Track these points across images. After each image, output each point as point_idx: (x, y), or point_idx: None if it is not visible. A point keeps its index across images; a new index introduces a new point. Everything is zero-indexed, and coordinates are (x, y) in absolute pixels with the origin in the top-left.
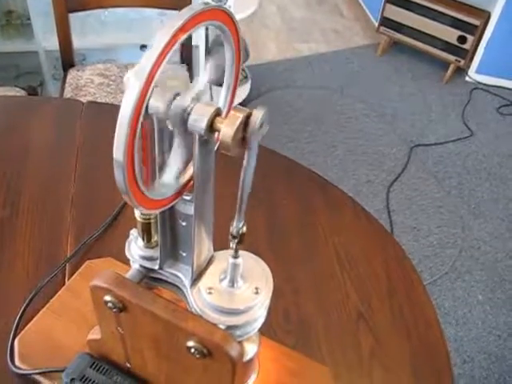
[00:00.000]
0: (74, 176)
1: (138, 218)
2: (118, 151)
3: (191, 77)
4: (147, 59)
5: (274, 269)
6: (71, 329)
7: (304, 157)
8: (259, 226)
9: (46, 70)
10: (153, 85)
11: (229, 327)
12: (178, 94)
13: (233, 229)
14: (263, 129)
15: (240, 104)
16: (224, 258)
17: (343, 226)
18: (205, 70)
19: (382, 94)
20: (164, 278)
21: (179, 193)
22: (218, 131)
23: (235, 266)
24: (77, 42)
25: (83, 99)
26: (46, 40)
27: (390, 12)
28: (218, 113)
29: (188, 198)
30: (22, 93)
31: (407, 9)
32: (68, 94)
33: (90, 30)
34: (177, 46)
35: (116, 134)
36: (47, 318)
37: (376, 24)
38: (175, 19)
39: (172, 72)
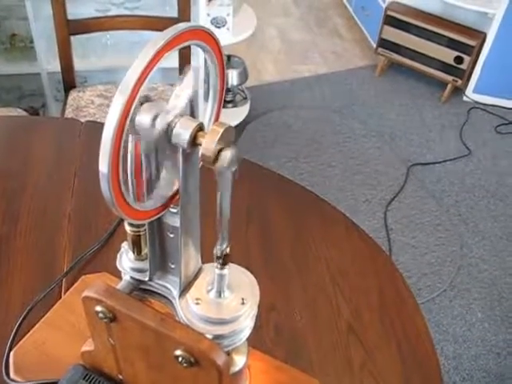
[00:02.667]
0: (72, 193)
1: (129, 231)
2: (103, 163)
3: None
4: (130, 75)
5: (266, 283)
6: (66, 342)
7: (302, 177)
8: (252, 242)
9: (48, 91)
10: (137, 100)
11: (216, 337)
12: (162, 111)
13: (216, 250)
14: (232, 172)
15: (239, 124)
16: (212, 270)
17: (335, 242)
18: (187, 87)
19: (380, 114)
20: (154, 289)
21: (166, 205)
22: (200, 145)
23: (221, 277)
24: (78, 64)
25: (83, 119)
26: (49, 62)
27: (387, 33)
28: (200, 127)
29: (175, 210)
30: (24, 114)
31: (405, 30)
32: (69, 114)
33: (92, 53)
34: (160, 63)
35: (101, 147)
36: (42, 331)
37: (374, 45)
38: (159, 38)
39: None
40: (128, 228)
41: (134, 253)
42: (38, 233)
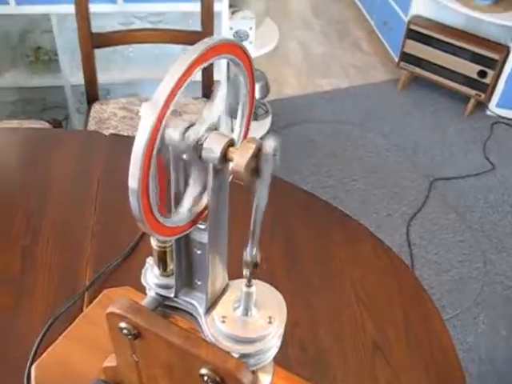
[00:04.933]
0: (95, 206)
1: (154, 247)
2: (133, 180)
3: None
4: (162, 90)
5: (290, 300)
6: (87, 356)
7: (325, 191)
8: (277, 257)
9: (71, 103)
10: (167, 115)
11: (242, 356)
12: (192, 125)
13: (246, 256)
14: (275, 159)
15: (260, 138)
16: (238, 287)
17: (360, 258)
18: (219, 102)
19: (402, 129)
20: (179, 306)
21: (194, 221)
22: (231, 161)
23: (249, 295)
24: (101, 77)
25: (106, 132)
26: (72, 75)
27: (410, 47)
28: (231, 143)
29: (203, 226)
30: (48, 126)
31: (427, 44)
32: (91, 127)
33: (115, 66)
34: (191, 78)
35: (131, 163)
36: (64, 345)
37: (396, 59)
38: (190, 52)
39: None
40: (154, 243)
41: (159, 268)
42: (60, 246)
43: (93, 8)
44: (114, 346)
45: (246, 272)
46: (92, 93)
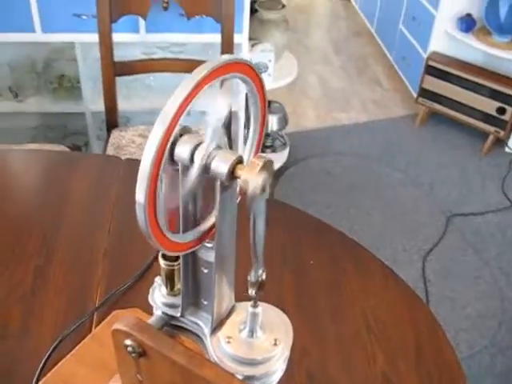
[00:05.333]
0: (109, 228)
1: (163, 265)
2: (140, 193)
3: (230, 143)
4: (170, 106)
5: (300, 327)
6: (93, 376)
7: (340, 223)
8: (286, 284)
9: (91, 130)
10: (176, 131)
11: (246, 377)
12: (201, 142)
13: (251, 276)
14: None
15: (278, 170)
16: (245, 309)
17: (372, 289)
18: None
19: (419, 164)
20: (185, 326)
21: (201, 239)
22: (239, 178)
23: (254, 316)
24: (122, 105)
25: (124, 157)
26: (93, 102)
27: (428, 83)
28: (239, 160)
29: (210, 245)
30: (67, 151)
31: (446, 80)
32: (110, 152)
33: (135, 94)
34: (199, 95)
35: (138, 177)
36: (70, 364)
37: (415, 95)
38: (198, 70)
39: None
40: (162, 262)
41: (166, 288)
42: (72, 266)
43: (116, 37)
44: (118, 365)
45: (251, 292)
46: (112, 120)
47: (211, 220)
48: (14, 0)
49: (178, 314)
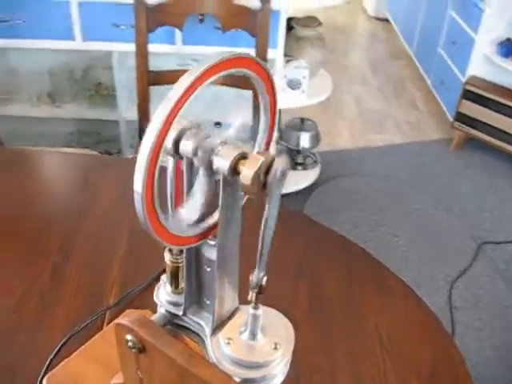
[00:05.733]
0: (129, 231)
1: (168, 262)
2: (137, 183)
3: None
4: (171, 97)
5: (311, 343)
6: (99, 374)
7: (366, 244)
8: (301, 297)
9: (124, 138)
10: (176, 120)
11: (245, 380)
12: (208, 137)
13: (252, 278)
14: (284, 177)
15: (308, 188)
16: (248, 312)
17: (389, 307)
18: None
19: (452, 188)
20: (187, 325)
21: (204, 235)
22: (241, 173)
23: (255, 318)
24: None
25: None
26: (128, 110)
27: (465, 108)
28: (243, 156)
29: (213, 242)
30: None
31: (483, 105)
32: None
33: None
34: (201, 87)
35: (136, 166)
36: (78, 361)
37: (451, 119)
38: (203, 63)
39: None
40: (167, 258)
41: (171, 286)
42: (89, 266)
43: (152, 48)
44: (120, 361)
45: (251, 293)
46: (144, 128)
47: (215, 217)
48: (56, 9)
49: (181, 313)
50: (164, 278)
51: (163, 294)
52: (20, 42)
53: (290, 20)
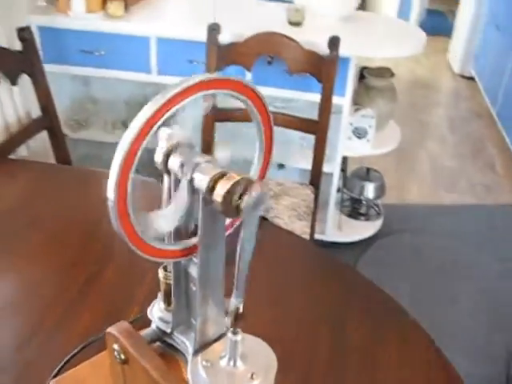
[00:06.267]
0: None
1: (161, 278)
2: (110, 191)
3: None
4: (144, 112)
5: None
6: None
7: (421, 305)
8: (321, 342)
9: None
10: (154, 130)
11: None
12: (194, 157)
13: (229, 304)
14: (261, 203)
15: (367, 239)
16: (248, 340)
17: (410, 361)
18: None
19: None
20: (175, 344)
21: (188, 251)
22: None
23: (234, 344)
24: (216, 149)
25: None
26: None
27: None
28: (221, 175)
29: (196, 260)
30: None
31: None
32: None
33: (234, 141)
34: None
35: (109, 175)
36: (86, 369)
37: None
38: (189, 79)
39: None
40: (160, 275)
41: (164, 303)
42: (121, 279)
43: None
44: (110, 370)
45: (227, 319)
46: None
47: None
48: (137, 43)
49: (169, 330)
50: (160, 294)
51: (156, 311)
52: (101, 72)
53: (363, 69)
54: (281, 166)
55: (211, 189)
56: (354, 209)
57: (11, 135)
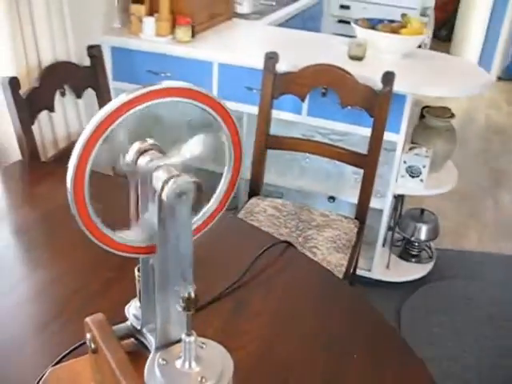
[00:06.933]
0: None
1: (136, 277)
2: (69, 180)
3: None
4: (100, 114)
5: None
6: (96, 379)
7: (464, 357)
8: (318, 369)
9: (241, 195)
10: (105, 134)
11: None
12: (160, 159)
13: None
14: (185, 197)
15: (416, 281)
16: (209, 343)
17: None
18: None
19: None
20: (144, 341)
21: (148, 249)
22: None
23: (188, 345)
24: (275, 179)
25: (251, 223)
26: (247, 169)
27: None
28: (178, 175)
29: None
30: None
31: None
32: (241, 216)
33: (289, 171)
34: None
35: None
36: (83, 363)
37: None
38: (148, 86)
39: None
40: (136, 273)
41: (139, 300)
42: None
43: (278, 114)
44: (89, 360)
45: (179, 308)
46: (255, 187)
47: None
48: (200, 67)
49: (139, 327)
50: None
51: (132, 307)
52: None
53: (423, 108)
54: (331, 198)
55: (162, 186)
56: (406, 249)
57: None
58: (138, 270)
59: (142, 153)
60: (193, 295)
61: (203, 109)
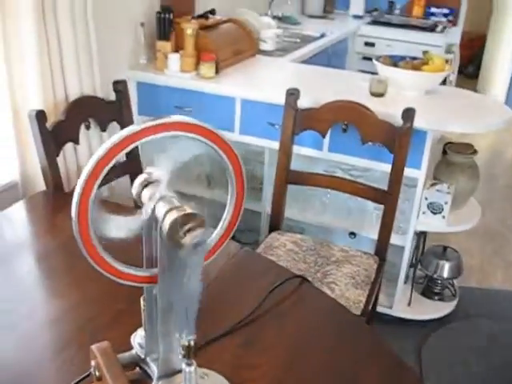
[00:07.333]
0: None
1: (142, 307)
2: (73, 211)
3: None
4: (101, 150)
5: None
6: None
7: None
8: None
9: (263, 230)
10: (106, 169)
11: None
12: (162, 191)
13: (180, 339)
14: (198, 245)
15: (438, 320)
16: (211, 374)
17: None
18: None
19: None
20: (148, 370)
21: (151, 278)
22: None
23: (188, 375)
24: (298, 214)
25: (269, 257)
26: (268, 204)
27: None
28: (177, 207)
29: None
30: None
31: None
32: (259, 250)
33: (310, 206)
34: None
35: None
36: None
37: None
38: (148, 122)
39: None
40: (142, 303)
41: (145, 330)
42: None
43: (299, 150)
44: None
45: (181, 350)
46: (275, 222)
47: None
48: (223, 102)
49: (143, 356)
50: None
51: (137, 336)
52: None
53: (446, 144)
54: (352, 234)
55: (163, 218)
56: (428, 287)
57: None
58: (144, 300)
59: (145, 185)
60: (192, 344)
61: (206, 143)
